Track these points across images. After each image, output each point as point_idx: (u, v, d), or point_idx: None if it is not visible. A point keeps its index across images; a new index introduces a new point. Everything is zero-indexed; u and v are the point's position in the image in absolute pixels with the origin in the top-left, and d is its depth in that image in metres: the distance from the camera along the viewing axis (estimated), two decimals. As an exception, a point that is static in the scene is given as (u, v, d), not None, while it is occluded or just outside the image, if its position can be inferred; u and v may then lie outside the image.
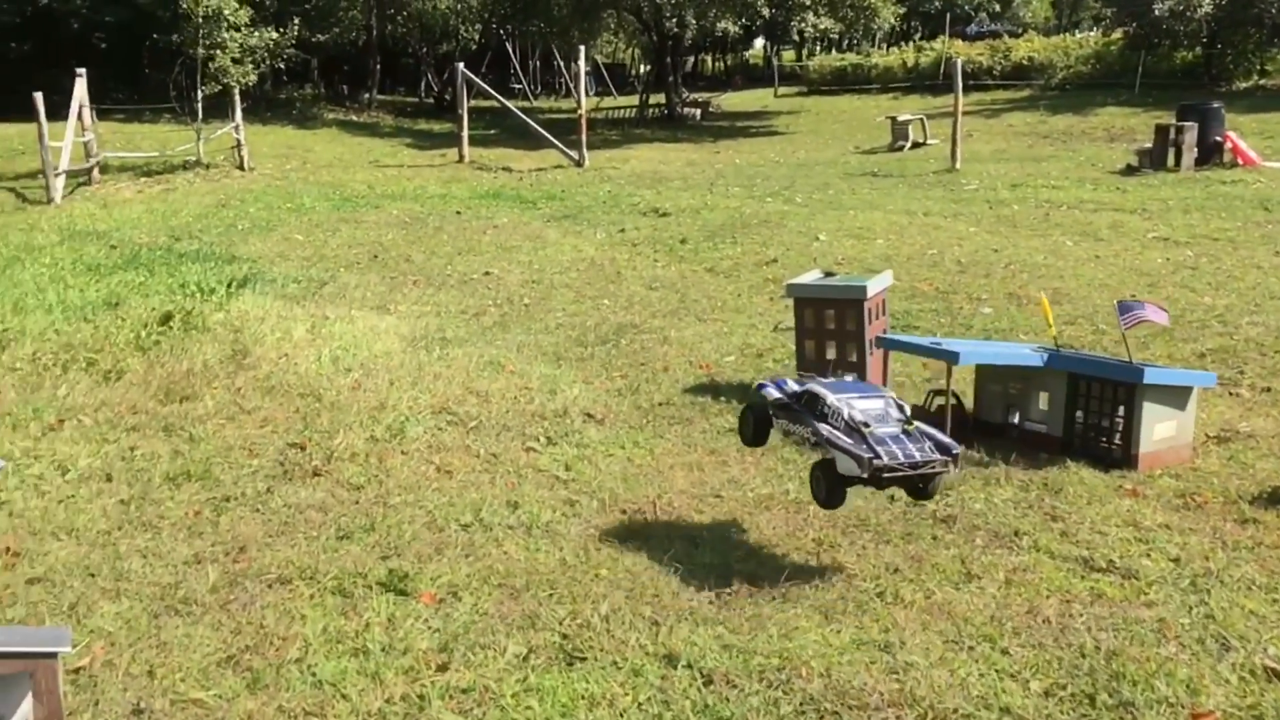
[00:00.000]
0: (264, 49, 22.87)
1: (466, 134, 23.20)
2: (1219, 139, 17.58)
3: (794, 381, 4.62)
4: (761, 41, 58.01)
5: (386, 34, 37.68)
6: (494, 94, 25.39)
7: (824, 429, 4.07)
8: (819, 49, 55.73)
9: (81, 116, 18.04)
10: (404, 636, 3.82)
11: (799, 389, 4.44)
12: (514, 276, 11.19)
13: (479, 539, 4.73)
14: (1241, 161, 17.08)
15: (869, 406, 4.12)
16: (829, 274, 7.31)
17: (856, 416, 4.04)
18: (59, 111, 17.79)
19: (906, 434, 4.00)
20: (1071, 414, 5.67)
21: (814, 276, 7.25)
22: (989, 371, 6.12)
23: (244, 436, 6.11)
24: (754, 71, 57.02)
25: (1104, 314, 8.75)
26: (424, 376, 7.25)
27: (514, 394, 6.96)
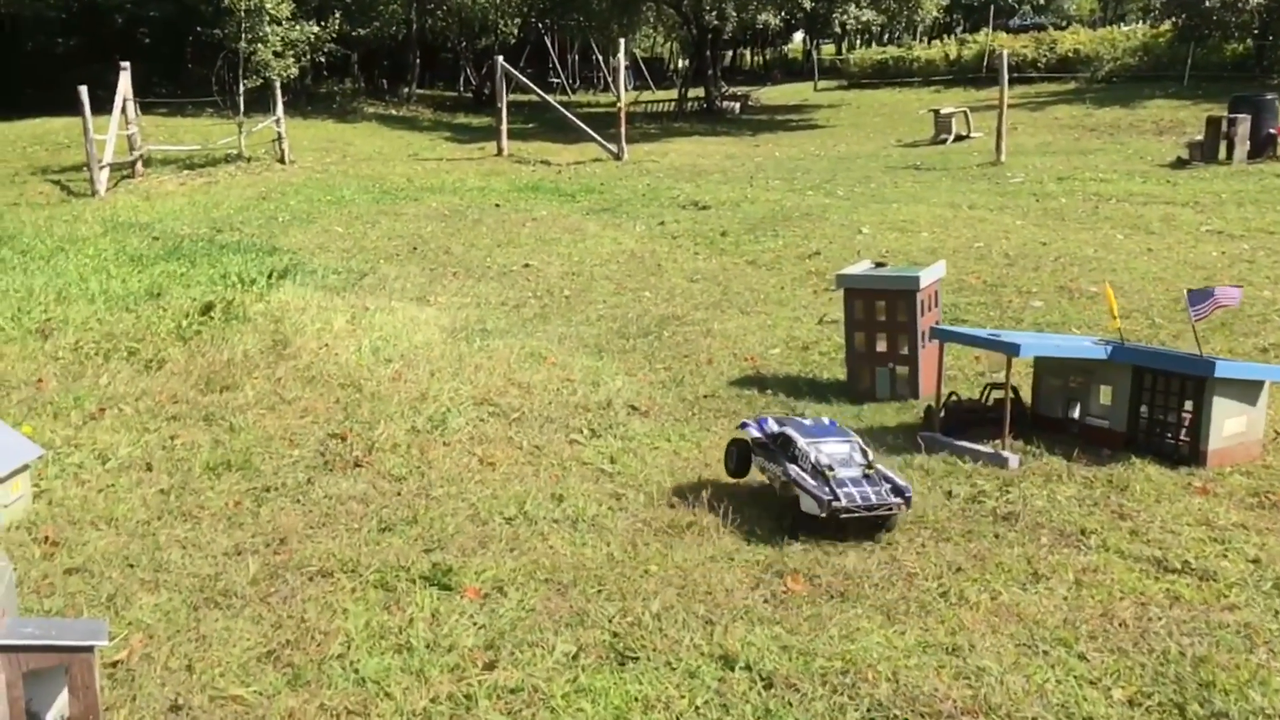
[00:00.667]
0: (305, 42, 22.99)
1: (505, 128, 23.15)
2: (1272, 131, 17.15)
3: (774, 421, 5.06)
4: (801, 35, 57.62)
5: (426, 28, 37.77)
6: (533, 87, 25.33)
7: (793, 470, 4.55)
8: (859, 42, 55.23)
9: (125, 110, 18.20)
10: (449, 633, 3.69)
11: (776, 430, 4.89)
12: (554, 269, 11.08)
13: (524, 533, 4.60)
14: (1296, 154, 16.69)
15: (835, 451, 4.64)
16: (880, 264, 7.12)
17: (822, 460, 4.55)
18: (103, 105, 17.92)
19: (867, 477, 4.49)
20: (1136, 408, 5.45)
21: (864, 267, 7.06)
22: (1048, 364, 5.90)
23: (284, 426, 6.02)
24: (793, 66, 56.70)
25: (1159, 308, 8.52)
26: (465, 367, 7.14)
27: (556, 386, 6.84)
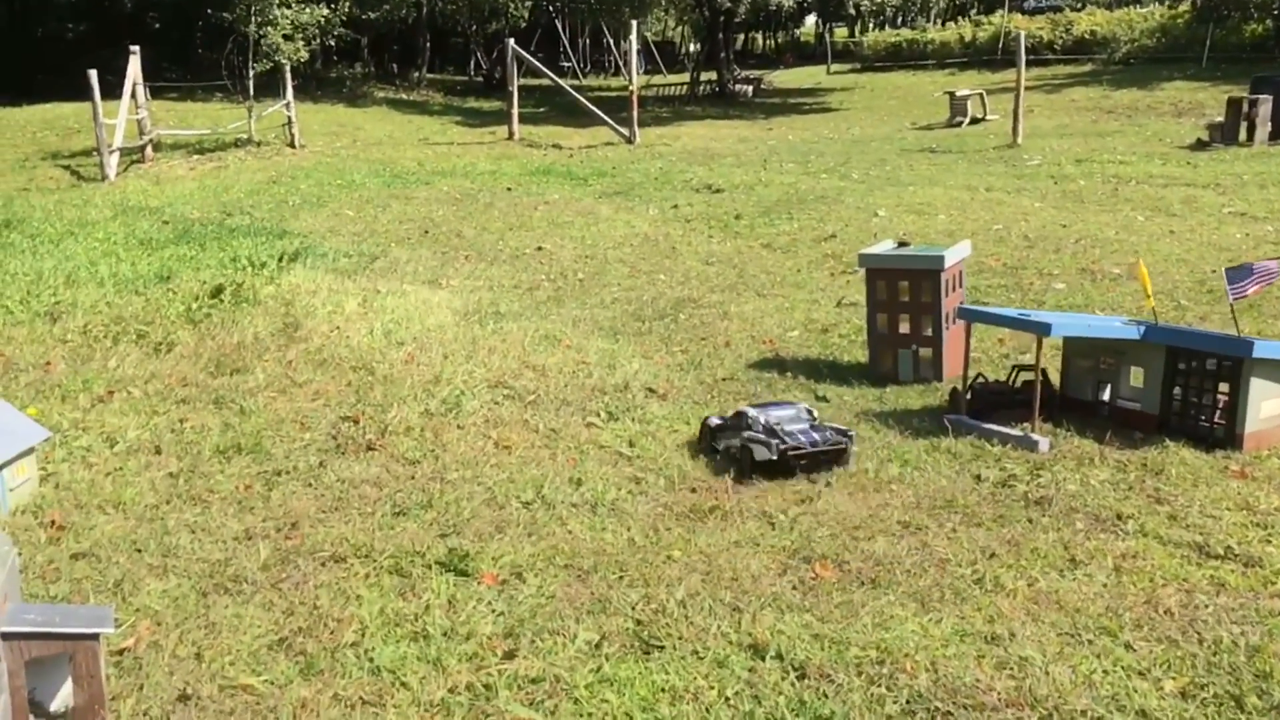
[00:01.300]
0: (314, 26, 22.83)
1: (516, 112, 22.97)
2: (1295, 112, 16.91)
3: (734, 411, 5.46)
4: (814, 18, 57.16)
5: (436, 12, 37.55)
6: (545, 71, 25.13)
7: (747, 434, 5.02)
8: (872, 25, 54.79)
9: (135, 94, 18.10)
10: (466, 620, 3.56)
11: (731, 413, 5.36)
12: (567, 252, 10.94)
13: (541, 517, 4.47)
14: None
15: (783, 414, 5.16)
16: (903, 244, 6.95)
17: (772, 420, 5.05)
18: (113, 90, 17.83)
19: (813, 428, 5.04)
20: (1169, 390, 5.29)
21: (887, 246, 6.91)
22: (1077, 345, 5.74)
23: (295, 409, 5.90)
24: (805, 49, 56.32)
25: (1184, 290, 8.36)
26: (478, 350, 7.01)
27: (571, 368, 6.71)
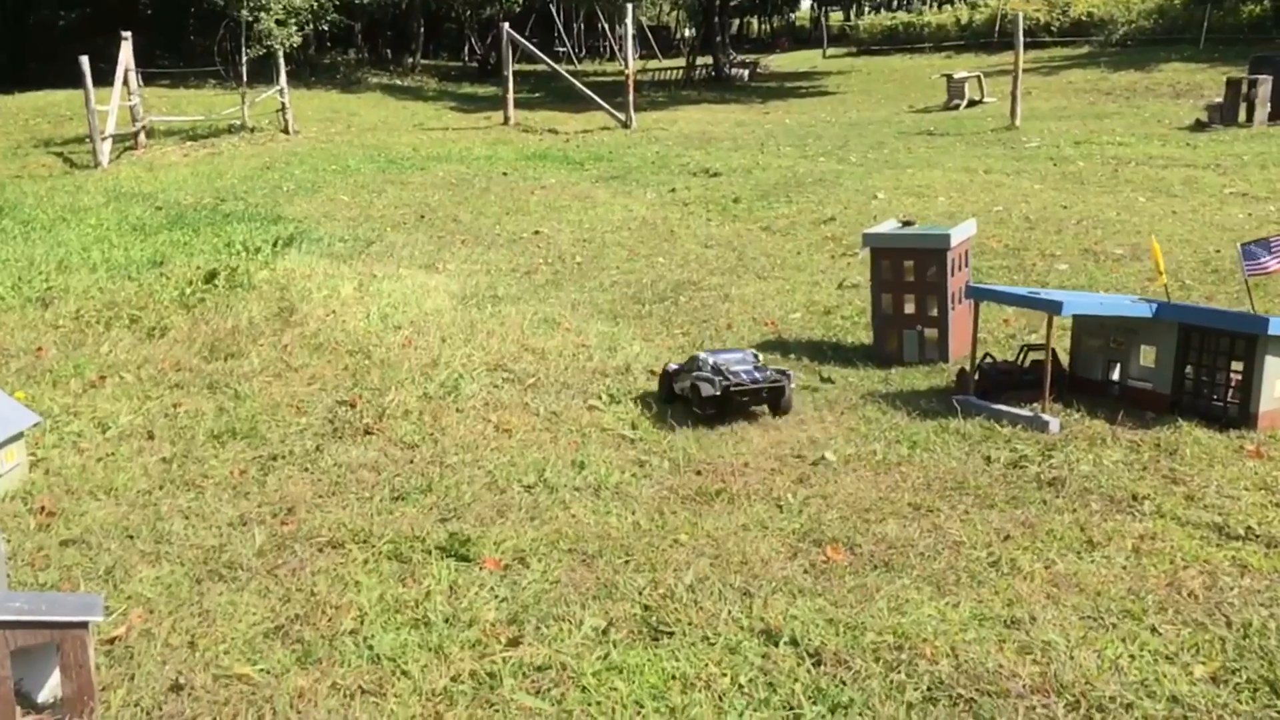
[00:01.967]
0: (307, 10, 22.65)
1: (512, 97, 22.80)
2: (1295, 92, 16.82)
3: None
4: (809, 2, 56.92)
5: (429, -2, 37.33)
6: (541, 56, 24.94)
7: (695, 374, 5.37)
8: (868, 8, 54.55)
9: (127, 81, 17.93)
10: (468, 606, 3.46)
11: (685, 360, 5.73)
12: (564, 235, 10.82)
13: (544, 501, 4.37)
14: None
15: (730, 357, 5.51)
16: (908, 223, 6.83)
17: (720, 363, 5.39)
18: (105, 77, 17.65)
19: (757, 369, 5.41)
20: (1181, 369, 5.19)
21: (891, 226, 6.79)
22: (1087, 325, 5.64)
23: (291, 394, 5.79)
24: (800, 33, 56.08)
25: (1189, 270, 8.27)
26: (477, 334, 6.90)
27: (572, 351, 6.60)
